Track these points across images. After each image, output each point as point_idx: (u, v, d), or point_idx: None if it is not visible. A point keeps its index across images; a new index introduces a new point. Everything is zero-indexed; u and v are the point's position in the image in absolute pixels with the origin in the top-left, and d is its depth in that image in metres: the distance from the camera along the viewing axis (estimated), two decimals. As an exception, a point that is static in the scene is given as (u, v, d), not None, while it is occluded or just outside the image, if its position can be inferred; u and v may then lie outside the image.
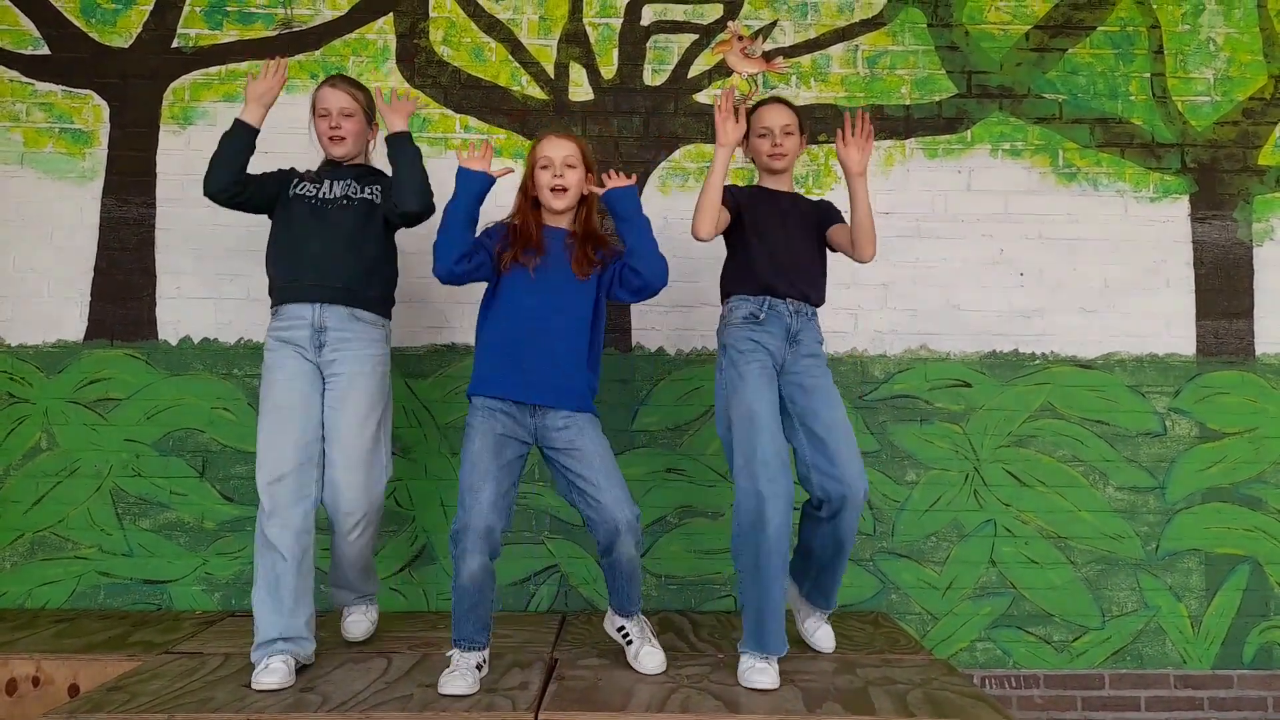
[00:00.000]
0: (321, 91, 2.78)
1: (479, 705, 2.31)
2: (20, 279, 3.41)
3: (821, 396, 2.68)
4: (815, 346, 2.77)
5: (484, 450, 2.44)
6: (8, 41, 3.47)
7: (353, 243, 2.69)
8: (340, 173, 2.80)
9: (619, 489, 2.47)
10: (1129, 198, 3.54)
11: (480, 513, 2.36)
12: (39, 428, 3.37)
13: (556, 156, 2.55)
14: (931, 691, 2.45)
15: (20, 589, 3.33)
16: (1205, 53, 3.58)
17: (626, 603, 2.63)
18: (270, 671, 2.41)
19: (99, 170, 3.44)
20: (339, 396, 2.63)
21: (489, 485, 2.40)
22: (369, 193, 2.77)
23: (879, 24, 3.57)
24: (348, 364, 2.64)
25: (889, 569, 3.42)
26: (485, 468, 2.41)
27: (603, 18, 3.55)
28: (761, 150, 2.81)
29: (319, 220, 2.70)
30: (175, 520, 3.37)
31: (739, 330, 2.70)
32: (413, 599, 3.33)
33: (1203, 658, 3.40)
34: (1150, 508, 3.44)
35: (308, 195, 2.75)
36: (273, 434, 2.56)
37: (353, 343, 2.66)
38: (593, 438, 2.51)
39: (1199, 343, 3.50)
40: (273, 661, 2.43)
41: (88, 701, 2.32)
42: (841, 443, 2.64)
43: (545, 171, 2.56)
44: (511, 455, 2.48)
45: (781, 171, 2.83)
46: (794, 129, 2.81)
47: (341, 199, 2.74)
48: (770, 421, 2.59)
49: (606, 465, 2.49)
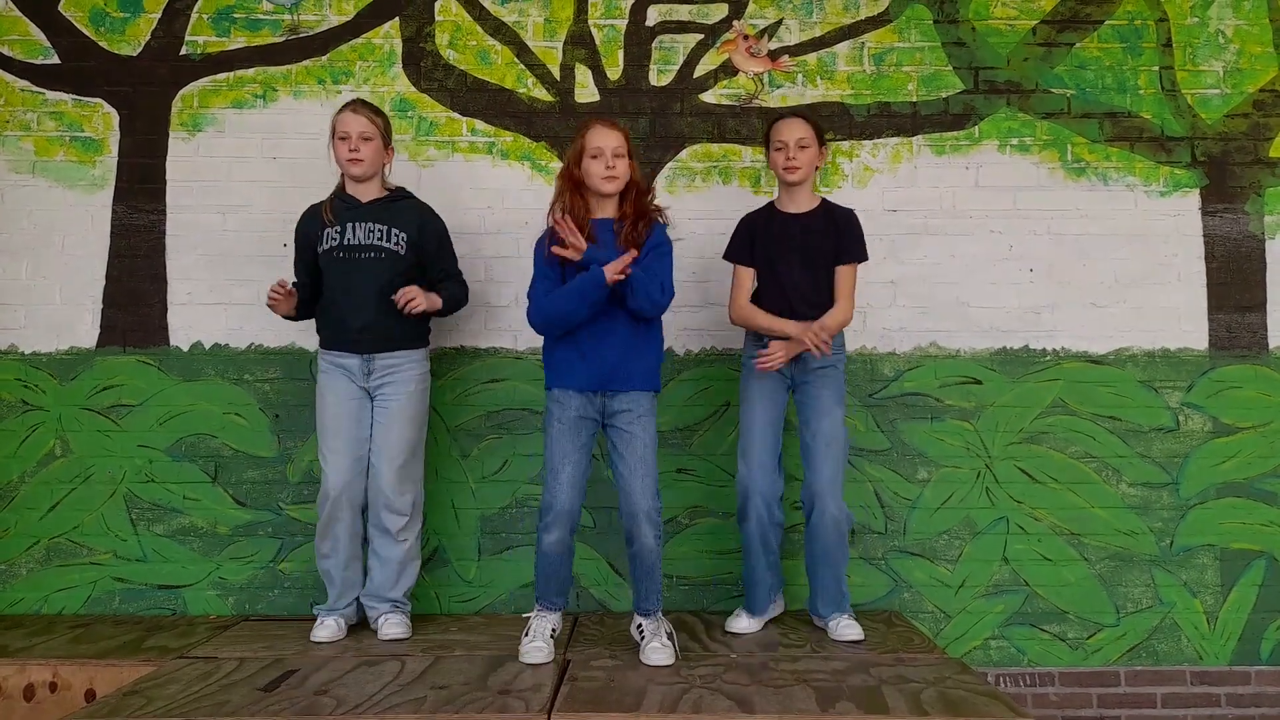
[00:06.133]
0: (342, 116, 2.95)
1: (492, 706, 2.31)
2: (32, 287, 3.44)
3: (815, 407, 2.95)
4: (825, 360, 2.92)
5: (562, 435, 2.69)
6: (18, 51, 3.49)
7: (385, 294, 2.91)
8: (360, 212, 2.98)
9: (648, 479, 2.68)
10: (1139, 192, 3.52)
11: (561, 491, 2.66)
12: (53, 435, 3.39)
13: (608, 147, 2.68)
14: (945, 690, 2.44)
15: (36, 595, 3.35)
16: (1214, 45, 3.56)
17: (643, 600, 2.77)
18: (324, 627, 2.93)
19: (109, 178, 3.46)
20: (390, 415, 2.94)
21: (568, 466, 2.67)
22: (395, 242, 2.97)
23: (885, 21, 3.56)
24: (395, 387, 2.95)
25: (901, 567, 3.41)
26: (564, 450, 2.68)
27: (608, 19, 3.55)
28: (777, 164, 2.97)
29: (348, 274, 2.94)
30: (189, 525, 3.38)
31: (751, 348, 2.99)
32: (425, 602, 3.34)
33: (1219, 654, 3.37)
34: (1164, 503, 3.42)
35: (333, 248, 2.96)
36: (329, 450, 2.94)
37: (399, 369, 2.96)
38: (645, 426, 2.71)
39: (1211, 337, 3.47)
40: (327, 620, 2.95)
41: (104, 706, 2.33)
42: (820, 451, 2.91)
43: (597, 161, 2.70)
44: (587, 436, 2.73)
45: (797, 184, 2.97)
46: (810, 142, 2.94)
47: (369, 248, 2.95)
48: (763, 429, 2.92)
49: (646, 455, 2.70)
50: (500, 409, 3.43)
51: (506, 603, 3.37)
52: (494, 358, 3.45)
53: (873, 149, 3.52)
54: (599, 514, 3.36)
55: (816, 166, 3.00)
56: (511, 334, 3.45)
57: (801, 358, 2.90)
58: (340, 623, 2.97)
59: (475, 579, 3.39)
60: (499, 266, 3.45)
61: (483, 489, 3.41)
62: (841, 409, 2.97)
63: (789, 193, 3.00)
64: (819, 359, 2.86)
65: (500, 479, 3.41)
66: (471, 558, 3.40)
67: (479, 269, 3.44)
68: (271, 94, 3.49)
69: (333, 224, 2.95)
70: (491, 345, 3.46)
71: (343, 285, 2.94)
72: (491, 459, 3.42)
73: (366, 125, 2.92)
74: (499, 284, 3.46)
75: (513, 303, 3.44)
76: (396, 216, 2.98)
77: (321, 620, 2.96)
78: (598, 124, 2.74)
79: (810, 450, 2.92)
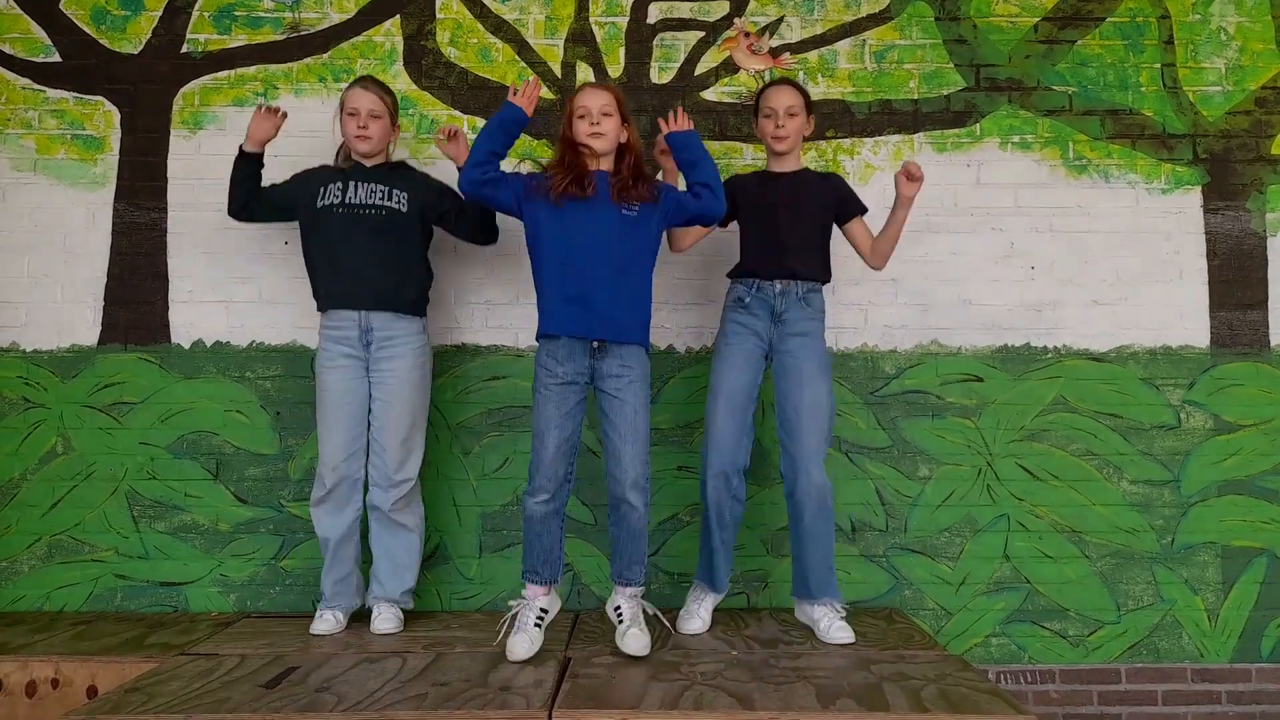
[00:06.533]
0: (352, 91, 2.97)
1: (493, 704, 2.32)
2: (34, 284, 3.44)
3: (795, 377, 2.80)
4: (806, 325, 2.85)
5: (548, 400, 2.67)
6: (19, 49, 3.50)
7: (388, 252, 2.93)
8: (365, 174, 2.99)
9: (638, 446, 2.67)
10: (1140, 189, 3.51)
11: (547, 455, 2.64)
12: (55, 432, 3.40)
13: (594, 105, 2.70)
14: (946, 687, 2.44)
15: (38, 592, 3.36)
16: (1216, 42, 3.55)
17: (625, 568, 2.74)
18: (323, 621, 2.94)
19: (110, 176, 3.46)
20: (391, 391, 2.93)
21: (554, 431, 2.65)
22: (397, 201, 2.97)
23: (886, 18, 3.55)
24: (394, 360, 2.94)
25: (902, 564, 3.41)
26: (549, 416, 2.65)
27: (609, 16, 3.55)
28: (766, 131, 2.92)
29: (351, 230, 2.92)
30: (190, 523, 3.39)
31: (729, 313, 2.91)
32: (427, 599, 3.34)
33: (1220, 651, 3.37)
34: (1165, 501, 3.42)
35: (335, 203, 2.94)
36: (329, 428, 2.93)
37: (398, 341, 2.95)
38: (637, 392, 2.69)
39: (1213, 334, 3.47)
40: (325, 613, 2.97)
41: (106, 703, 2.34)
42: (803, 423, 2.77)
43: (583, 121, 2.71)
44: (574, 402, 2.69)
45: (785, 153, 2.93)
46: (799, 110, 2.90)
47: (370, 206, 2.94)
48: (731, 400, 2.81)
49: (637, 423, 2.68)
50: (501, 406, 3.43)
51: (508, 600, 3.36)
52: (494, 355, 3.46)
53: (874, 146, 3.52)
54: (599, 511, 3.36)
55: (805, 136, 2.98)
56: (512, 332, 3.45)
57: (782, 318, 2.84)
58: (339, 616, 2.99)
59: (476, 576, 3.40)
60: (499, 264, 3.45)
61: (484, 486, 3.42)
62: (825, 379, 2.84)
63: (778, 161, 2.98)
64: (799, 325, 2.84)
65: (501, 476, 3.42)
66: (473, 555, 3.40)
67: (478, 267, 3.45)
68: (273, 92, 3.50)
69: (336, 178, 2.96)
70: (492, 343, 3.46)
71: (344, 242, 2.92)
72: (492, 456, 3.42)
73: (376, 103, 2.95)
74: (499, 282, 3.46)
75: (513, 300, 3.44)
76: (398, 179, 3.02)
77: (321, 614, 2.99)
78: (587, 85, 2.77)
79: (791, 422, 2.79)
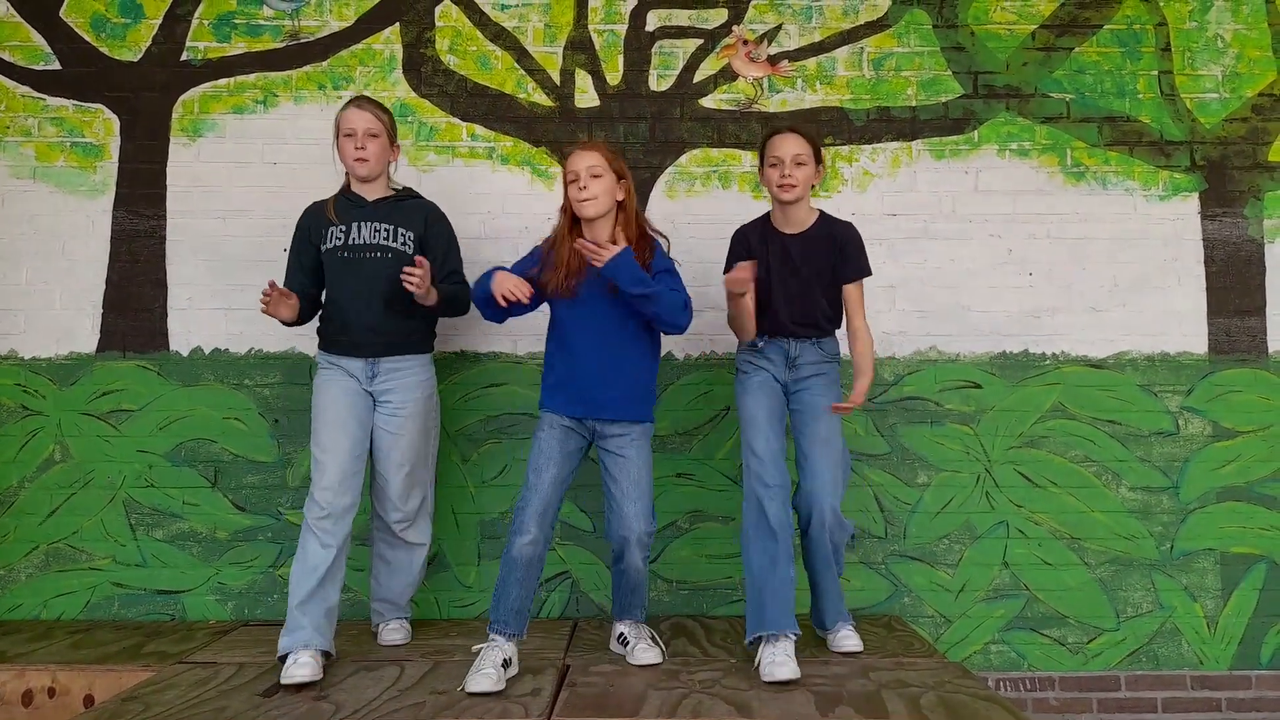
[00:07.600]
0: (346, 113, 2.86)
1: (492, 712, 2.31)
2: (33, 292, 3.44)
3: (810, 412, 2.81)
4: (819, 366, 2.86)
5: (550, 439, 2.64)
6: (19, 57, 3.50)
7: (392, 297, 2.81)
8: (365, 211, 2.89)
9: (642, 502, 2.64)
10: (1138, 196, 3.52)
11: (542, 488, 2.58)
12: (52, 440, 3.39)
13: (580, 167, 2.63)
14: (945, 695, 2.44)
15: (35, 600, 3.35)
16: (1213, 49, 3.56)
17: (626, 610, 2.80)
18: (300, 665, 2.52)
19: (110, 183, 3.47)
20: (399, 424, 2.85)
21: (551, 468, 2.61)
22: (402, 242, 2.88)
23: (884, 26, 3.56)
24: (400, 393, 2.86)
25: (901, 572, 3.40)
26: (550, 453, 2.62)
27: (607, 24, 3.56)
28: (771, 180, 2.80)
29: (354, 275, 2.85)
30: (188, 531, 3.38)
31: (744, 354, 2.90)
32: (425, 607, 3.34)
33: (1220, 658, 3.37)
34: (1164, 508, 3.42)
35: (338, 247, 2.87)
36: (325, 447, 2.74)
37: (403, 373, 2.87)
38: (640, 449, 2.67)
39: (1211, 341, 3.47)
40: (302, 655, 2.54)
41: (103, 712, 2.33)
42: (817, 456, 2.76)
43: (573, 185, 2.64)
44: (573, 446, 2.68)
45: (792, 202, 2.80)
46: (806, 159, 2.77)
47: (375, 248, 2.86)
48: (765, 423, 2.75)
49: (640, 477, 2.65)
50: (500, 413, 3.43)
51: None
52: (494, 362, 3.45)
53: (872, 153, 3.52)
54: (598, 518, 3.36)
55: (813, 184, 2.83)
56: (511, 339, 3.45)
57: (796, 363, 2.83)
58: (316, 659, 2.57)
59: (475, 584, 3.39)
60: (499, 271, 3.46)
61: (482, 494, 3.41)
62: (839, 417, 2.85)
63: (784, 211, 2.83)
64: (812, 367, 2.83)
65: (500, 484, 3.41)
66: (471, 562, 3.39)
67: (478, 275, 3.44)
68: (272, 99, 3.50)
69: (337, 223, 2.86)
70: (491, 350, 3.46)
71: (348, 286, 2.83)
72: (491, 464, 3.42)
73: (372, 121, 2.83)
74: (499, 289, 3.46)
75: (512, 307, 3.44)
76: (403, 216, 2.90)
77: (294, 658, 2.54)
78: (576, 148, 2.69)
79: (806, 455, 2.77)
